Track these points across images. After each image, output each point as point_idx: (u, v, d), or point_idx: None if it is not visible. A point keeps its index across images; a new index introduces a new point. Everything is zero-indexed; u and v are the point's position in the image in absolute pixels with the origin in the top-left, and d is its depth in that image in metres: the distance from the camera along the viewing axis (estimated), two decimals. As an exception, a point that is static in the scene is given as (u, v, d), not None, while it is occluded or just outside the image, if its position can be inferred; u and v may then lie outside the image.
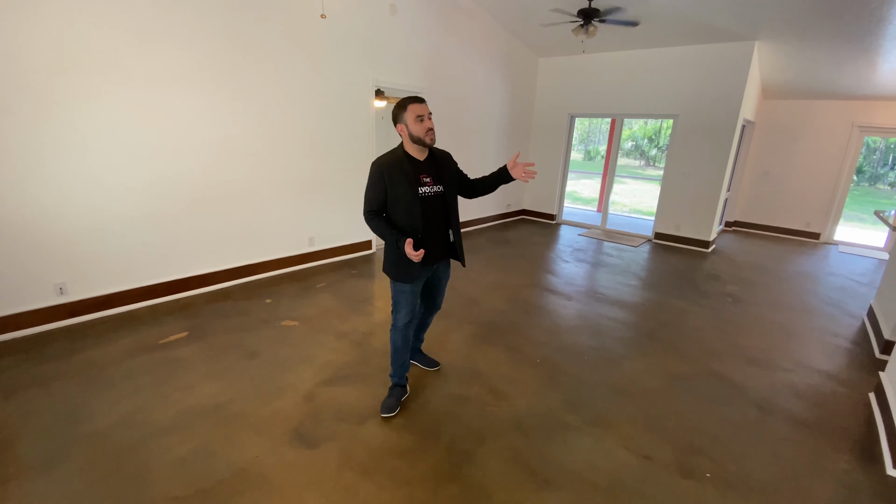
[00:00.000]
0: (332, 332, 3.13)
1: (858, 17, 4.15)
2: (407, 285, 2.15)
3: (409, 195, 1.99)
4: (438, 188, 2.09)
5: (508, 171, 2.15)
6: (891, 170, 14.78)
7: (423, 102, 1.98)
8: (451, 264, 2.38)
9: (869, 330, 3.61)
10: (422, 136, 1.97)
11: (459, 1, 5.40)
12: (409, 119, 1.96)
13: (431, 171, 2.08)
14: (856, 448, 2.20)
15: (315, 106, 4.22)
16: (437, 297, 2.44)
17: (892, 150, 13.75)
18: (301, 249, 4.43)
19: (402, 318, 2.23)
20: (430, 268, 2.19)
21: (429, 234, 2.08)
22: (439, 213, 2.11)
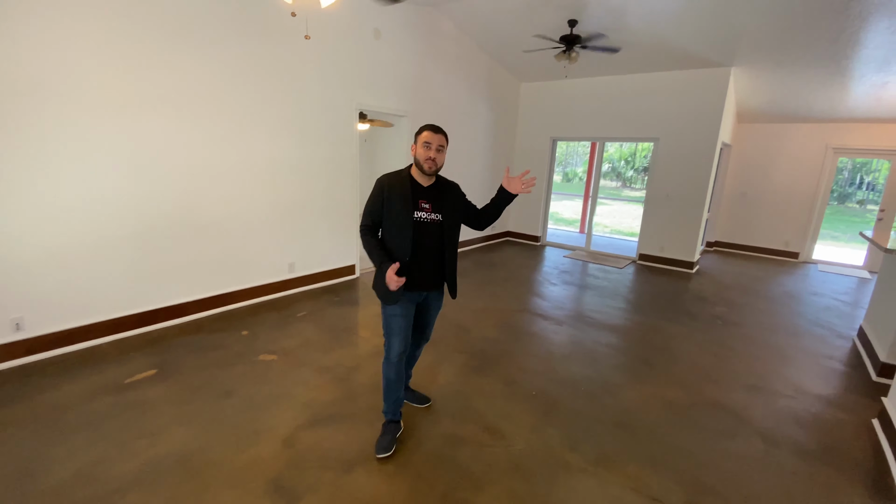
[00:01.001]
0: (313, 367, 2.93)
1: (834, 42, 4.30)
2: (397, 309, 2.07)
3: (404, 217, 1.99)
4: (436, 216, 2.06)
5: (505, 189, 2.13)
6: (858, 189, 15.45)
7: (439, 133, 2.01)
8: (443, 295, 2.29)
9: (861, 351, 3.60)
10: (420, 161, 2.00)
11: (443, 26, 5.44)
12: (419, 141, 2.01)
13: (433, 198, 2.07)
14: (867, 480, 2.10)
15: (297, 128, 4.10)
16: (426, 328, 2.34)
17: (858, 170, 14.38)
18: (281, 276, 4.23)
19: (396, 348, 2.13)
20: (419, 293, 2.14)
21: (420, 261, 2.05)
22: (434, 241, 2.07)
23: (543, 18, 4.89)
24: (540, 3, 4.57)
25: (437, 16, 5.28)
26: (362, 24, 4.47)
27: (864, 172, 14.85)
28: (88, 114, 2.84)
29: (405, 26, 4.94)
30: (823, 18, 3.94)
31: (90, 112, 2.85)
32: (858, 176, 14.82)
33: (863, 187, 15.52)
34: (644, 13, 4.48)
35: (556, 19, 4.86)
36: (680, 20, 4.54)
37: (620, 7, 4.43)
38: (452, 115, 6.00)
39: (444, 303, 2.34)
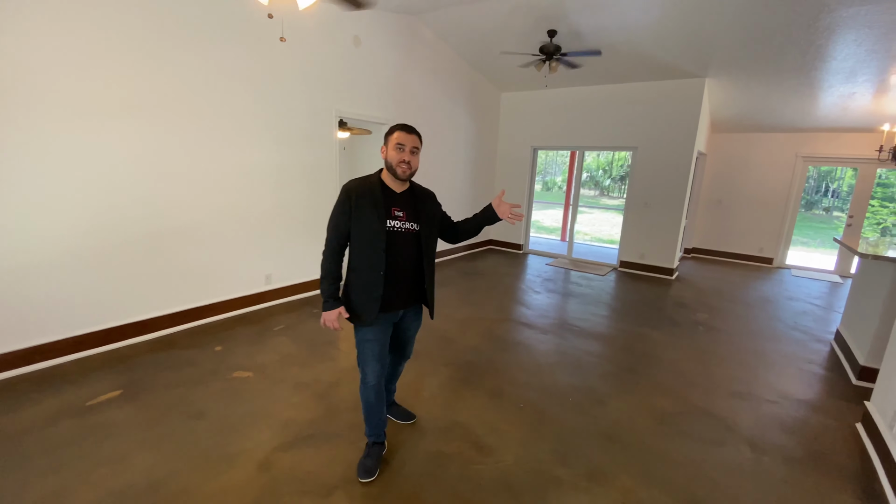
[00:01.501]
0: (291, 383, 2.80)
1: (803, 54, 4.44)
2: (370, 333, 1.91)
3: (376, 227, 1.79)
4: (413, 226, 1.89)
5: (494, 210, 1.99)
6: (824, 196, 16.08)
7: (412, 134, 1.83)
8: (422, 311, 2.13)
9: (840, 355, 3.66)
10: (393, 165, 1.83)
11: (423, 35, 5.42)
12: (390, 143, 1.83)
13: (407, 205, 1.89)
14: (856, 486, 2.10)
15: (275, 135, 3.98)
16: (406, 346, 2.19)
17: (824, 178, 14.98)
18: (257, 288, 4.07)
19: (372, 372, 1.96)
20: (394, 314, 1.96)
21: (394, 276, 1.87)
22: (410, 253, 1.90)
23: (523, 28, 4.92)
24: (520, 13, 4.60)
25: (418, 24, 5.26)
26: (342, 32, 4.40)
27: (829, 180, 15.50)
28: (48, 119, 2.68)
29: (385, 34, 4.89)
30: (793, 31, 4.07)
31: (49, 117, 2.69)
32: (824, 184, 15.44)
33: (828, 195, 16.18)
34: (621, 25, 4.55)
35: (535, 29, 4.89)
36: (656, 32, 4.62)
37: (598, 19, 4.49)
38: (433, 123, 5.97)
39: (424, 317, 2.19)
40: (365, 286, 1.85)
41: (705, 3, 3.92)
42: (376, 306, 1.85)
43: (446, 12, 4.92)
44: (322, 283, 1.87)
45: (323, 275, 1.87)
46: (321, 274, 1.88)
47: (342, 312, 1.87)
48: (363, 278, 1.85)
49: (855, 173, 11.96)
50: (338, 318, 1.87)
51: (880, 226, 11.15)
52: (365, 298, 1.85)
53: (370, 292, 1.84)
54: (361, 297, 1.86)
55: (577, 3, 4.25)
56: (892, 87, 4.90)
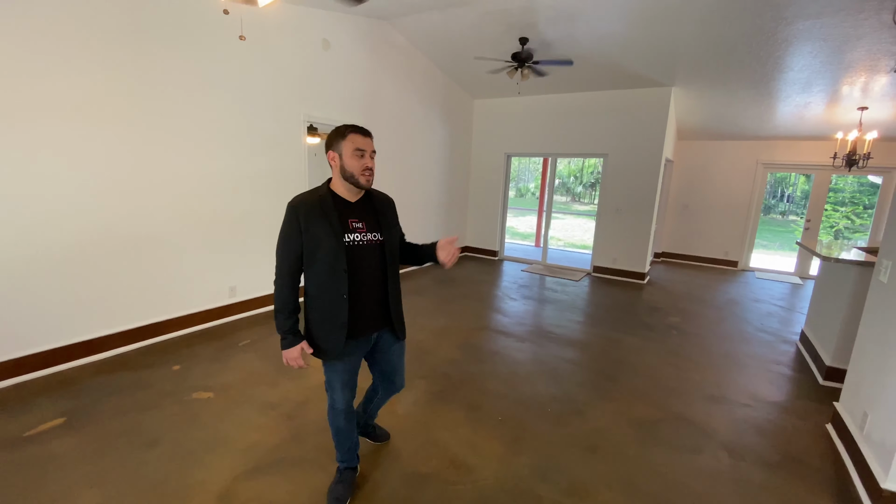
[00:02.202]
0: (256, 404, 2.62)
1: (763, 65, 4.60)
2: (339, 364, 1.72)
3: (332, 243, 1.57)
4: (374, 236, 1.68)
5: (437, 250, 1.79)
6: (780, 201, 16.90)
7: (369, 136, 1.62)
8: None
9: (806, 356, 3.75)
10: (356, 175, 1.60)
11: (396, 40, 5.34)
12: (345, 150, 1.58)
13: (365, 215, 1.69)
14: (833, 490, 2.11)
15: (239, 141, 3.80)
16: (394, 375, 1.94)
17: (779, 184, 15.75)
18: (220, 301, 3.85)
19: (340, 399, 1.79)
20: (365, 339, 1.76)
21: (360, 296, 1.66)
22: (375, 267, 1.69)
23: (495, 36, 4.91)
24: (491, 20, 4.59)
25: (389, 29, 5.18)
26: (310, 34, 4.27)
27: (784, 186, 16.33)
28: (-20, 121, 2.44)
29: (355, 38, 4.79)
30: (753, 43, 4.20)
31: (-18, 119, 2.45)
32: (780, 189, 16.24)
33: (783, 199, 17.04)
34: (591, 34, 4.60)
35: (507, 37, 4.89)
36: (624, 42, 4.70)
37: (569, 28, 4.52)
38: (407, 129, 5.88)
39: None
40: (327, 314, 1.64)
41: (671, 15, 4.00)
42: (342, 335, 1.64)
43: (418, 18, 4.86)
44: (277, 318, 1.65)
45: (277, 307, 1.64)
46: (275, 307, 1.65)
47: (305, 348, 1.68)
48: (324, 305, 1.64)
49: (808, 179, 12.59)
50: (301, 355, 1.69)
51: (833, 229, 11.77)
52: (328, 328, 1.65)
53: (333, 320, 1.63)
54: (324, 326, 1.65)
55: (547, 11, 4.26)
56: (844, 98, 5.14)
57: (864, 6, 3.30)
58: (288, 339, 1.66)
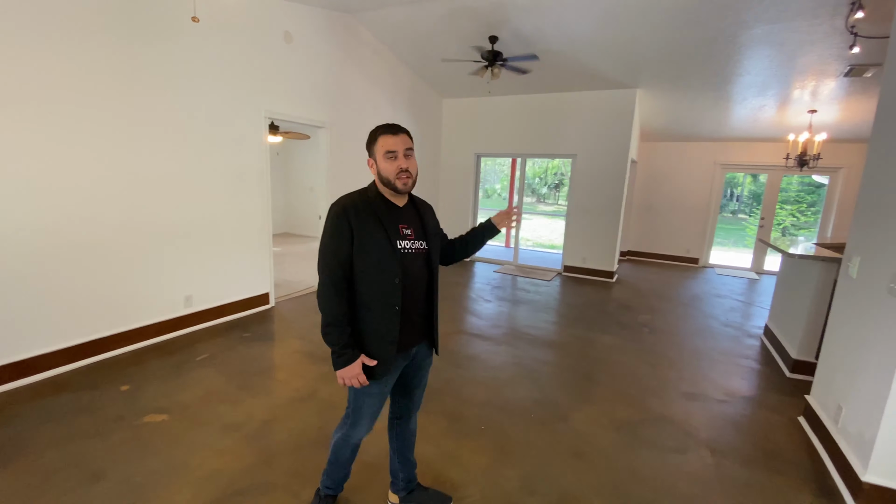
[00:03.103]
0: (218, 425, 2.39)
1: (722, 69, 4.75)
2: (375, 384, 1.52)
3: (386, 249, 1.43)
4: (422, 245, 1.54)
5: (494, 223, 1.74)
6: (729, 200, 17.83)
7: (400, 133, 1.45)
8: (433, 346, 1.72)
9: (771, 349, 3.87)
10: (391, 179, 1.45)
11: (362, 36, 5.15)
12: (378, 154, 1.45)
13: (412, 221, 1.55)
14: (812, 483, 2.13)
15: (194, 138, 3.51)
16: (416, 391, 1.72)
17: (728, 184, 16.58)
18: (174, 312, 3.54)
19: (363, 431, 1.62)
20: (406, 354, 1.58)
21: (409, 309, 1.51)
22: (421, 277, 1.54)
23: (464, 34, 4.83)
24: (460, 17, 4.50)
25: (355, 24, 4.99)
26: (271, 26, 4.02)
27: (733, 186, 17.24)
28: None
29: (319, 32, 4.57)
30: (715, 46, 4.32)
31: None
32: (729, 189, 17.13)
33: (733, 199, 18.01)
34: (558, 34, 4.60)
35: (476, 35, 4.82)
36: (592, 43, 4.73)
37: (538, 26, 4.50)
38: (374, 128, 5.69)
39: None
40: (378, 328, 1.47)
41: (636, 17, 4.04)
42: (393, 350, 1.48)
43: (384, 13, 4.70)
44: (329, 332, 1.43)
45: (329, 321, 1.43)
46: (325, 320, 1.43)
47: (366, 361, 1.47)
48: (375, 318, 1.46)
49: (755, 179, 13.19)
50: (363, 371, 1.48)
51: (780, 226, 12.48)
52: (379, 343, 1.47)
53: (385, 335, 1.46)
54: (374, 342, 1.48)
55: (516, 9, 4.22)
56: (795, 101, 5.40)
57: (818, 12, 3.44)
58: (346, 355, 1.43)
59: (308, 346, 3.51)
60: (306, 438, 2.29)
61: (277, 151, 8.91)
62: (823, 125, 5.83)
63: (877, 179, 2.24)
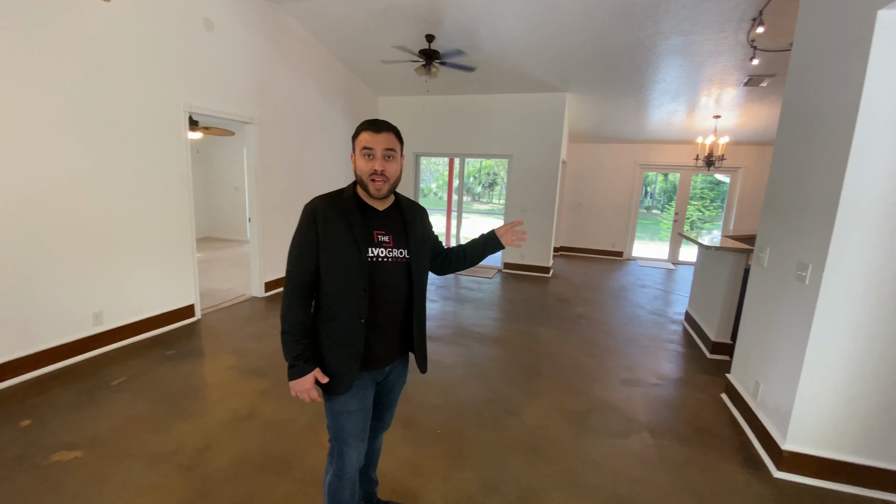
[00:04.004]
0: (143, 458, 2.12)
1: (643, 75, 5.11)
2: (351, 401, 1.40)
3: (354, 258, 1.32)
4: (401, 253, 1.41)
5: (498, 237, 1.60)
6: (644, 197, 19.47)
7: (383, 131, 1.34)
8: (408, 363, 1.60)
9: (692, 333, 4.24)
10: (363, 178, 1.34)
11: (291, 27, 4.87)
12: (356, 149, 1.36)
13: (394, 227, 1.42)
14: (739, 455, 2.35)
15: (103, 134, 3.09)
16: (385, 412, 1.62)
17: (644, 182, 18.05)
18: (82, 332, 3.10)
19: (355, 456, 1.45)
20: (380, 371, 1.47)
21: (380, 322, 1.40)
22: (398, 289, 1.42)
23: (400, 31, 4.74)
24: (395, 13, 4.41)
25: (282, 14, 4.70)
26: (189, 11, 3.66)
27: (647, 184, 18.87)
28: None
29: (243, 21, 4.24)
30: (636, 54, 4.64)
31: None
32: (645, 187, 18.74)
33: (648, 196, 19.72)
34: (493, 36, 4.67)
35: (413, 33, 4.76)
36: (524, 46, 4.86)
37: (472, 27, 4.54)
38: (309, 125, 5.42)
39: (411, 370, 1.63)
40: (340, 340, 1.37)
41: (565, 24, 4.22)
42: (356, 365, 1.37)
43: (315, 6, 4.48)
44: (284, 341, 1.36)
45: (285, 328, 1.35)
46: (282, 327, 1.36)
47: (318, 376, 1.36)
48: (338, 329, 1.37)
49: (665, 178, 14.47)
50: (315, 385, 1.38)
51: (689, 220, 13.81)
52: (341, 356, 1.37)
53: (348, 347, 1.36)
54: (336, 354, 1.37)
55: (451, 9, 4.22)
56: (702, 107, 5.97)
57: (725, 26, 3.82)
58: (297, 367, 1.34)
59: (244, 360, 3.25)
60: (250, 463, 2.11)
61: (198, 149, 8.19)
62: (726, 129, 6.52)
63: (781, 180, 2.52)
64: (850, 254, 1.91)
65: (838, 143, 1.94)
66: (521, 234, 1.60)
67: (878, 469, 2.02)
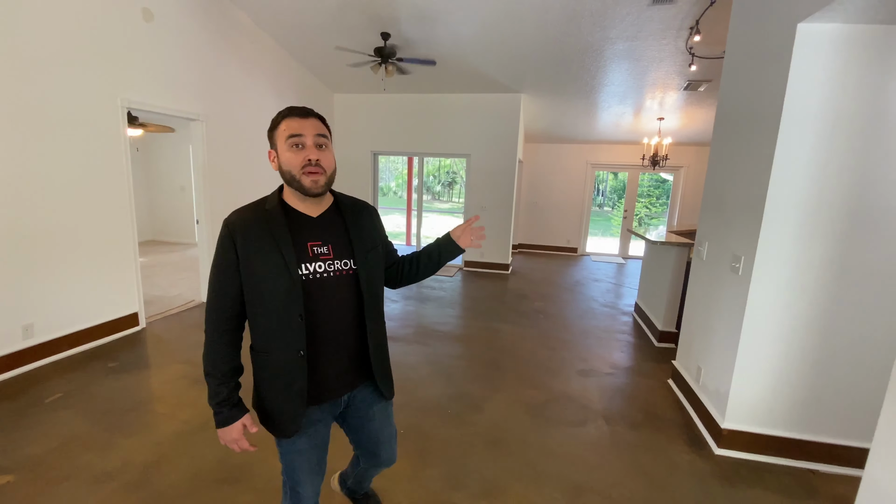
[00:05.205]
0: (84, 478, 1.98)
1: (592, 78, 5.32)
2: (300, 441, 1.24)
3: (282, 278, 1.12)
4: (345, 265, 1.21)
5: (454, 240, 1.41)
6: (597, 195, 20.30)
7: (311, 116, 1.14)
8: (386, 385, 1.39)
9: (641, 324, 4.48)
10: (295, 174, 1.13)
11: (239, 20, 4.67)
12: (279, 142, 1.14)
13: (332, 235, 1.21)
14: (684, 436, 2.51)
15: (27, 132, 2.84)
16: (379, 447, 1.43)
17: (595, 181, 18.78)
18: (9, 346, 2.85)
19: (309, 495, 1.30)
20: (334, 403, 1.29)
21: (326, 349, 1.20)
22: (346, 308, 1.22)
23: (354, 27, 4.68)
24: (349, 10, 4.34)
25: (229, 6, 4.50)
26: (125, 1, 3.42)
27: (598, 182, 19.69)
28: None
29: (187, 12, 4.03)
30: (586, 58, 4.83)
31: None
32: (597, 185, 19.55)
33: (599, 194, 20.61)
34: (449, 35, 4.70)
35: (368, 30, 4.70)
36: (479, 46, 4.93)
37: (428, 26, 4.55)
38: (260, 122, 5.22)
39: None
40: (278, 376, 1.19)
41: (519, 25, 4.32)
42: (300, 403, 1.19)
43: (265, -3, 4.33)
44: (208, 383, 1.19)
45: (207, 369, 1.18)
46: (204, 368, 1.19)
47: (247, 425, 1.22)
48: (274, 364, 1.19)
49: (615, 177, 15.12)
50: (244, 434, 1.23)
51: (637, 217, 14.52)
52: (281, 395, 1.19)
53: (289, 384, 1.18)
54: (275, 393, 1.20)
55: (407, 7, 4.21)
56: (647, 109, 6.30)
57: (666, 34, 4.05)
58: (222, 415, 1.18)
59: (194, 369, 3.10)
60: (205, 476, 2.02)
61: (137, 147, 7.69)
62: (669, 131, 6.91)
63: (716, 179, 2.71)
64: (776, 246, 2.09)
65: (764, 145, 2.12)
66: (479, 233, 1.42)
67: (804, 441, 2.23)
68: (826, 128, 1.96)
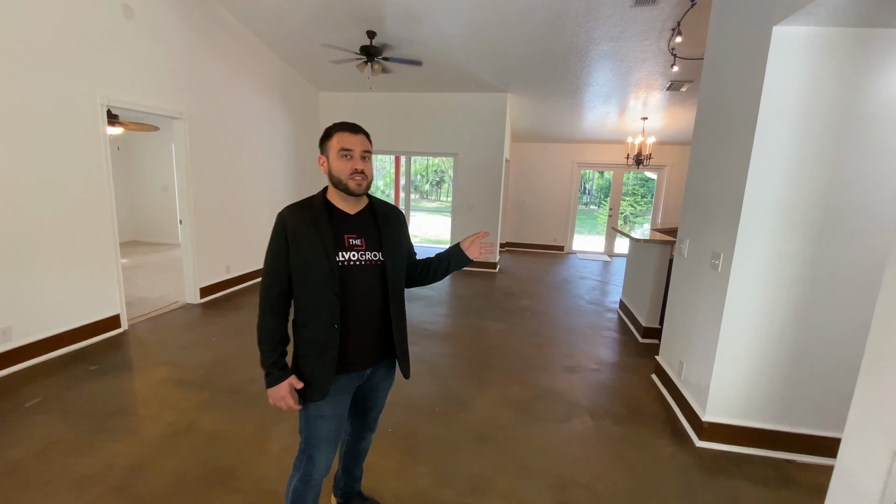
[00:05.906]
0: (66, 483, 1.94)
1: (577, 78, 5.38)
2: (326, 406, 1.41)
3: (322, 262, 1.33)
4: (374, 256, 1.42)
5: (464, 251, 1.56)
6: (583, 194, 20.50)
7: (359, 133, 1.37)
8: (395, 366, 1.59)
9: (626, 320, 4.55)
10: (342, 179, 1.35)
11: (222, 18, 4.61)
12: (331, 151, 1.36)
13: (366, 229, 1.43)
14: (668, 430, 2.57)
15: (9, 129, 2.77)
16: (370, 413, 1.64)
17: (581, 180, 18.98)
18: (-14, 351, 2.78)
19: (324, 462, 1.45)
20: (358, 374, 1.47)
21: (355, 326, 1.40)
22: (373, 292, 1.42)
23: (340, 26, 4.65)
24: (335, 7, 4.31)
25: (212, 3, 4.44)
26: (103, -5, 3.36)
27: (584, 181, 19.89)
28: None
29: (168, 9, 3.96)
30: (571, 59, 4.88)
31: None
32: (583, 184, 19.75)
33: (585, 192, 20.82)
34: (435, 34, 4.71)
35: (354, 28, 4.68)
36: (466, 45, 4.94)
37: (414, 25, 4.55)
38: (245, 121, 5.17)
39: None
40: (315, 347, 1.38)
41: (505, 25, 4.34)
42: (331, 370, 1.38)
43: (249, -6, 4.29)
44: (262, 350, 1.39)
45: (260, 338, 1.39)
46: (258, 337, 1.39)
47: (294, 383, 1.39)
48: (311, 336, 1.39)
49: (601, 176, 15.27)
50: (291, 392, 1.40)
51: (622, 215, 14.71)
52: (316, 363, 1.39)
53: (323, 353, 1.37)
54: (311, 361, 1.39)
55: (393, 6, 4.20)
56: (631, 109, 6.39)
57: (648, 35, 4.11)
58: (273, 375, 1.38)
59: (179, 372, 3.06)
60: (190, 478, 2.00)
61: (118, 146, 7.54)
62: (653, 130, 7.02)
63: (697, 178, 2.77)
64: (754, 244, 2.15)
65: (742, 145, 2.18)
66: (488, 247, 1.61)
67: (781, 432, 2.30)
68: (801, 128, 2.02)
